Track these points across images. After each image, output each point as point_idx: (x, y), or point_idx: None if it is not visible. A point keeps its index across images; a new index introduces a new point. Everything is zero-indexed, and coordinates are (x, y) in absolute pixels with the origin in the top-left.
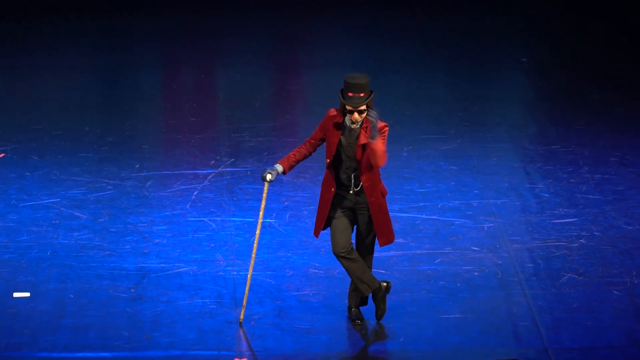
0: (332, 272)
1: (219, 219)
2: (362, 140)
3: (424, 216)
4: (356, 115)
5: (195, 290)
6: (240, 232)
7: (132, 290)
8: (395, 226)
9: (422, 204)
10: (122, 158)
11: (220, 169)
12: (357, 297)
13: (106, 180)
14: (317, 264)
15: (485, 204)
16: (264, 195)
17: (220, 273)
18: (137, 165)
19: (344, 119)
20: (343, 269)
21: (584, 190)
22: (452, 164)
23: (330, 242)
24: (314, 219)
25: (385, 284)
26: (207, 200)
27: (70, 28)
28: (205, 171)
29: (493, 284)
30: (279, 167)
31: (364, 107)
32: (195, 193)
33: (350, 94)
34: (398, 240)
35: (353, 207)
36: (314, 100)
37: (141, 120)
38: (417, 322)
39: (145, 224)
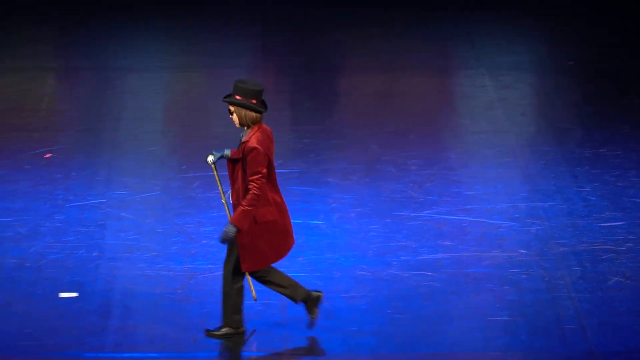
0: (380, 274)
1: None
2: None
3: (471, 219)
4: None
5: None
6: None
7: (179, 291)
8: (443, 229)
9: (469, 206)
10: (168, 160)
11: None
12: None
13: (153, 181)
14: (364, 266)
15: (532, 206)
16: (216, 176)
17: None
18: (184, 167)
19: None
20: (391, 271)
21: (631, 193)
22: (500, 166)
23: (376, 246)
24: (362, 221)
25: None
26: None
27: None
28: None
29: (540, 286)
30: (227, 151)
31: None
32: None
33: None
34: (445, 242)
35: None
36: (361, 102)
37: (187, 123)
38: (465, 325)
39: (192, 225)
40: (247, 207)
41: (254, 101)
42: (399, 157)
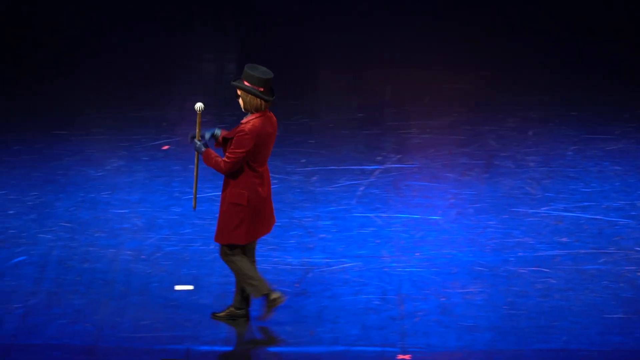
0: (497, 270)
1: (384, 215)
2: None
3: (588, 216)
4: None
5: (359, 286)
6: (406, 229)
7: (296, 285)
8: (560, 225)
9: (586, 203)
10: (287, 153)
11: (386, 165)
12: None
13: (272, 174)
14: (482, 262)
15: None
16: (198, 121)
17: (385, 269)
18: (303, 160)
19: None
20: (508, 268)
21: None
22: (617, 164)
23: (493, 242)
24: (480, 217)
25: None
26: (373, 196)
27: None
28: (371, 167)
29: None
30: (218, 131)
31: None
32: (361, 189)
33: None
34: (562, 239)
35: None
36: (481, 98)
37: (308, 115)
38: (580, 321)
39: (310, 219)
40: (213, 159)
41: (260, 89)
42: (517, 154)
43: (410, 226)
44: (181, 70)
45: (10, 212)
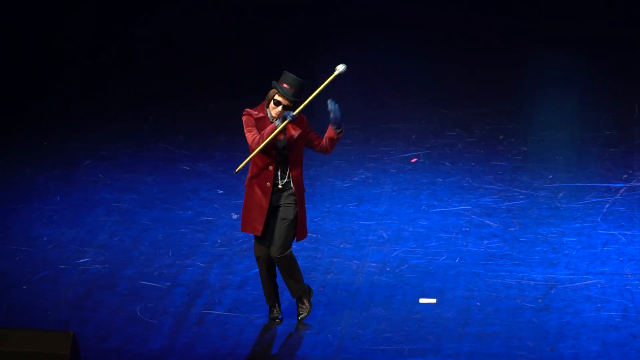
0: None
1: (628, 232)
2: (292, 132)
3: None
4: (279, 109)
5: (602, 303)
6: None
7: (540, 300)
8: None
9: None
10: (535, 168)
11: (632, 183)
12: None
13: (518, 190)
14: None
15: None
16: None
17: (627, 286)
18: (551, 176)
19: (267, 113)
20: None
21: None
22: None
23: None
24: None
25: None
26: (618, 213)
27: None
28: (617, 185)
29: None
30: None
31: (287, 103)
32: (607, 206)
33: (285, 86)
34: None
35: (277, 202)
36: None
37: (557, 131)
38: None
39: (555, 235)
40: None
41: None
42: None
43: None
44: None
45: None
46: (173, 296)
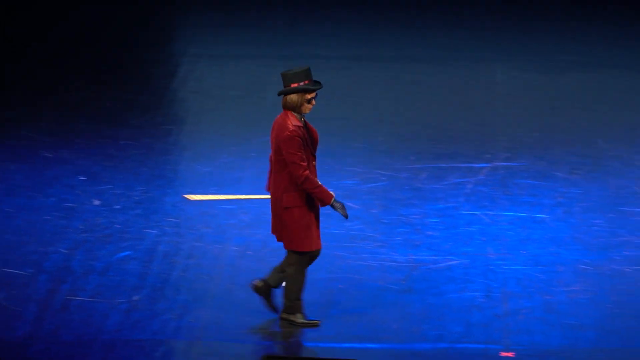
0: (602, 269)
1: (491, 212)
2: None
3: None
4: (314, 101)
5: (465, 284)
6: (512, 227)
7: (402, 282)
8: None
9: None
10: (396, 150)
11: (494, 164)
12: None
13: (380, 172)
14: (587, 260)
15: None
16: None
17: (490, 267)
18: (412, 158)
19: (297, 117)
20: (614, 266)
21: None
22: None
23: (599, 240)
24: (586, 215)
25: None
26: (481, 194)
27: None
28: (480, 165)
29: None
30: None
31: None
32: (469, 186)
33: (306, 82)
34: None
35: None
36: (590, 99)
37: (420, 114)
38: None
39: (417, 216)
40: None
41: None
42: (625, 153)
43: (517, 224)
44: None
45: (117, 206)
46: (37, 283)
